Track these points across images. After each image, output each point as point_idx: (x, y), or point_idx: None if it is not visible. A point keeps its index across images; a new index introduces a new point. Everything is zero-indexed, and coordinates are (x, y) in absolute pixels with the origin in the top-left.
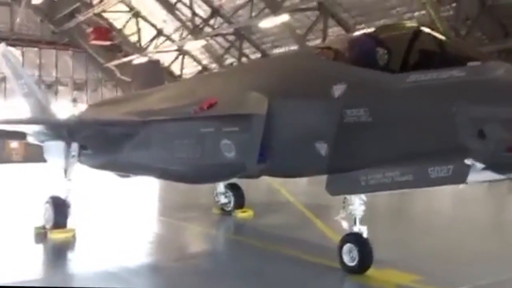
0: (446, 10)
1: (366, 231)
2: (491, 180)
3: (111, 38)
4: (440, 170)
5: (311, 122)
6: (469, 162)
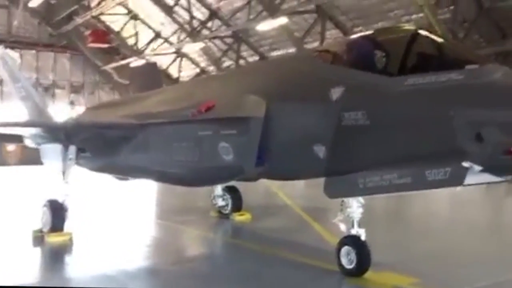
0: (444, 13)
1: (364, 234)
2: (489, 182)
3: (109, 40)
4: (437, 172)
5: (309, 125)
6: (466, 165)
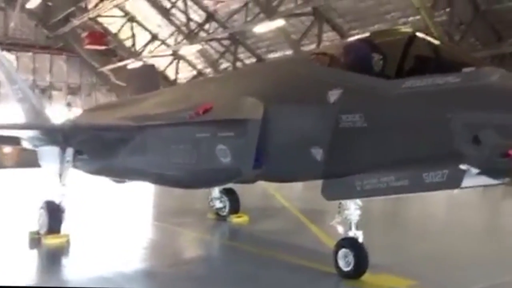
0: (440, 15)
1: (361, 236)
2: (486, 185)
3: (106, 42)
4: (435, 175)
5: (307, 127)
6: (464, 167)
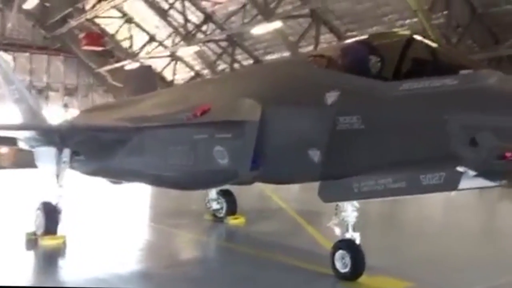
0: (437, 18)
1: (358, 238)
2: (483, 187)
3: (103, 43)
4: (432, 177)
5: (304, 129)
6: (461, 170)
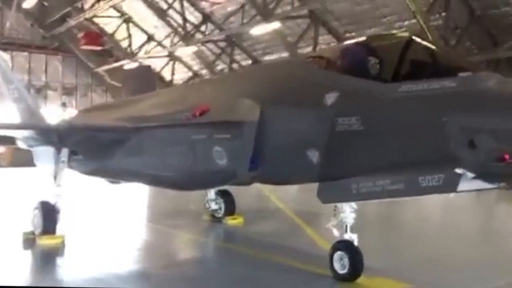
0: (436, 19)
1: (356, 239)
2: (481, 189)
3: (102, 43)
4: (431, 179)
5: (303, 130)
6: (459, 171)
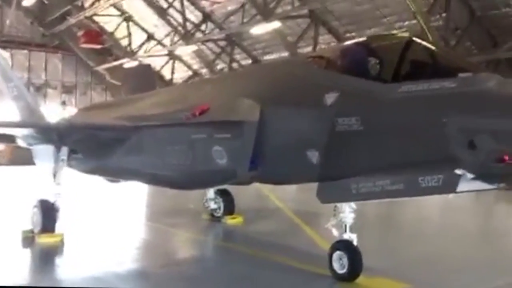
0: (436, 20)
1: (356, 239)
2: (481, 189)
3: (102, 41)
4: (430, 179)
5: (303, 130)
6: (459, 172)
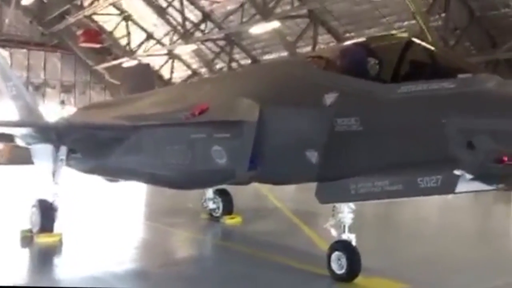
0: (435, 20)
1: (354, 239)
2: (480, 190)
3: (101, 40)
4: (429, 180)
5: (302, 130)
6: (458, 173)
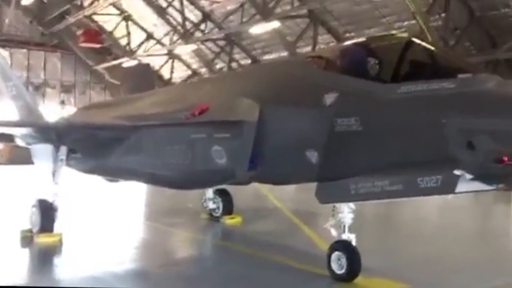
0: (435, 20)
1: (354, 239)
2: (479, 190)
3: (101, 40)
4: (429, 180)
5: (302, 130)
6: (458, 173)
